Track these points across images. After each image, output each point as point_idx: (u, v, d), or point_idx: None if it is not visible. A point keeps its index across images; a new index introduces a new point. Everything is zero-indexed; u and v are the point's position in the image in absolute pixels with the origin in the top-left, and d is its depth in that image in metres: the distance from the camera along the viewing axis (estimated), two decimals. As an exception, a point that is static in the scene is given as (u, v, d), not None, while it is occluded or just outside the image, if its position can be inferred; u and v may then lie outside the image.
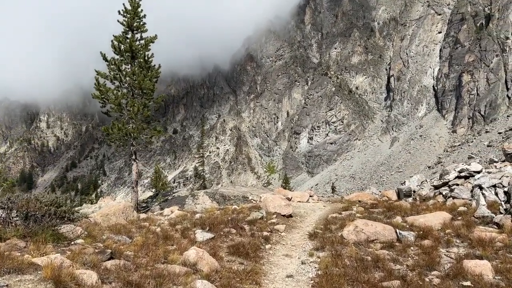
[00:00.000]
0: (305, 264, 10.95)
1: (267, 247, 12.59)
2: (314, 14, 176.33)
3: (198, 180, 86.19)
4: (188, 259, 9.44)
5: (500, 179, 14.65)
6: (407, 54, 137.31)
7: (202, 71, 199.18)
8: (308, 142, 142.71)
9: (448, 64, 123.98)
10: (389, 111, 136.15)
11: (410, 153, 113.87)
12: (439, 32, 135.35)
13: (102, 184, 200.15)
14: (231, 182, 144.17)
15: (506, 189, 13.91)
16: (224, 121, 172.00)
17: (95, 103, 22.80)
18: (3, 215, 9.66)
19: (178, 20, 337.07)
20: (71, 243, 9.80)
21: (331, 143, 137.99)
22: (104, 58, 22.01)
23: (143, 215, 18.68)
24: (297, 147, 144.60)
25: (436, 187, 18.21)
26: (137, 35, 23.00)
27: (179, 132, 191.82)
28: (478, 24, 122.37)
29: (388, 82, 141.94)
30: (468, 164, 17.25)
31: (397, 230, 12.46)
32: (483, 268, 9.11)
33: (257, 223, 15.19)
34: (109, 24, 23.06)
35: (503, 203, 13.54)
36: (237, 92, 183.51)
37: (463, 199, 15.30)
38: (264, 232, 13.94)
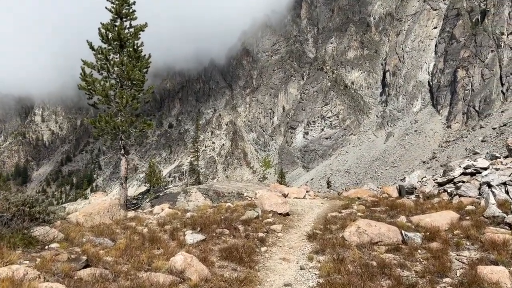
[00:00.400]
0: (304, 269, 10.10)
1: (262, 249, 11.77)
2: (310, 9, 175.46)
3: (193, 175, 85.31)
4: (175, 266, 8.51)
5: (510, 176, 13.89)
6: (402, 49, 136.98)
7: (198, 65, 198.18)
8: (303, 137, 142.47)
9: (444, 60, 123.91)
10: (384, 106, 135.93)
11: (405, 148, 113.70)
12: (435, 28, 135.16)
13: (98, 178, 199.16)
14: (226, 177, 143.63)
15: (517, 187, 13.06)
16: (220, 115, 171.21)
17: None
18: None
19: (174, 14, 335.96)
20: (45, 247, 8.84)
21: (327, 138, 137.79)
22: (91, 46, 20.99)
23: (131, 214, 17.70)
24: (292, 142, 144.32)
25: (440, 184, 17.30)
26: (126, 23, 21.89)
27: (174, 126, 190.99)
28: (474, 20, 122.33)
29: (384, 77, 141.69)
30: (474, 160, 16.41)
31: (402, 231, 11.64)
32: (501, 276, 8.21)
33: (252, 222, 14.33)
34: (105, 18, 21.91)
35: (515, 202, 12.62)
36: (233, 87, 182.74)
37: (471, 197, 14.45)
38: (260, 233, 13.12)
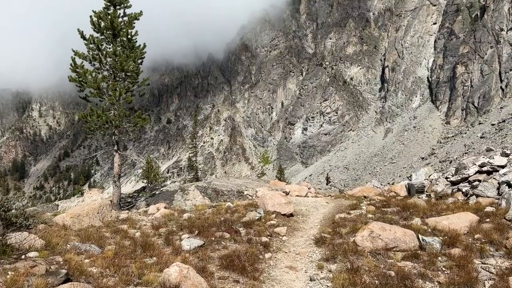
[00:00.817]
0: (314, 281, 9.06)
1: (266, 256, 10.70)
2: (309, 4, 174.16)
3: (191, 171, 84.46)
4: (169, 279, 7.46)
5: (531, 175, 12.88)
6: (402, 45, 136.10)
7: (196, 61, 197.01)
8: (302, 133, 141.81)
9: (443, 56, 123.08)
10: (383, 102, 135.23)
11: (404, 144, 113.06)
12: (434, 23, 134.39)
13: (95, 174, 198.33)
14: (225, 173, 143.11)
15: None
16: (219, 111, 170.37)
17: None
18: None
19: (173, 9, 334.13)
20: (21, 257, 7.74)
21: (325, 134, 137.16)
22: (82, 36, 19.79)
23: (124, 215, 16.52)
24: (291, 138, 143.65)
25: (453, 183, 16.31)
26: (119, 11, 20.61)
27: (173, 122, 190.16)
28: (473, 15, 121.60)
29: (383, 73, 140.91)
30: (490, 157, 15.43)
31: (419, 235, 10.70)
32: (537, 289, 7.34)
33: (254, 225, 13.26)
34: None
35: (540, 204, 11.67)
36: (231, 82, 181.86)
37: (489, 197, 13.48)
38: (263, 237, 12.07)
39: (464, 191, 15.28)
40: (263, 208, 15.37)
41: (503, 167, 14.94)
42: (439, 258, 9.70)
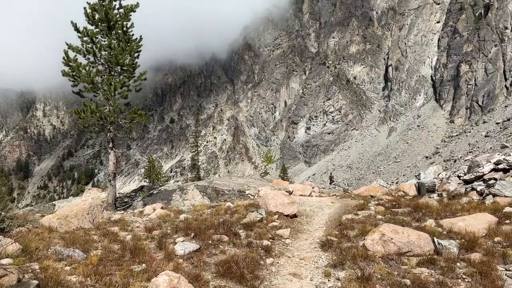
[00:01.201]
0: None
1: (268, 262, 9.86)
2: (312, 3, 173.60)
3: (193, 171, 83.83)
4: (157, 291, 6.67)
5: (552, 173, 12.06)
6: (405, 43, 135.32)
7: (199, 60, 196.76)
8: (305, 132, 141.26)
9: (447, 54, 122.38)
10: (387, 101, 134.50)
11: (408, 143, 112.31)
12: (438, 22, 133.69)
13: (99, 173, 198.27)
14: (228, 172, 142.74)
15: None
16: (222, 110, 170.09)
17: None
18: None
19: (176, 9, 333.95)
20: (-6, 264, 7.06)
21: (329, 133, 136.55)
22: (76, 28, 18.97)
23: (117, 215, 15.61)
24: (294, 137, 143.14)
25: (466, 182, 15.44)
26: (115, 3, 19.86)
27: (176, 121, 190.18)
28: (477, 14, 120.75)
29: (386, 72, 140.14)
30: (506, 154, 14.58)
31: (434, 238, 9.88)
32: None
33: (255, 227, 12.45)
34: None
35: None
36: (234, 82, 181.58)
37: (507, 197, 12.61)
38: (264, 241, 11.22)
39: (479, 190, 14.47)
40: (265, 208, 14.72)
41: (520, 164, 14.07)
42: (458, 264, 8.92)
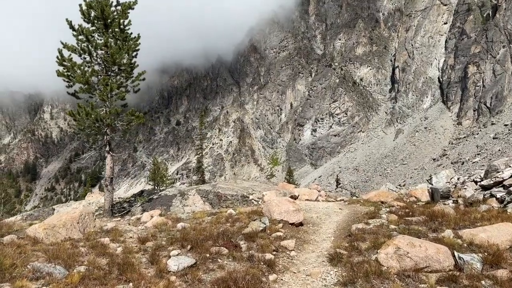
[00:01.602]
0: None
1: (271, 278, 9.12)
2: (318, 5, 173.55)
3: (198, 173, 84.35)
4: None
5: None
6: (412, 45, 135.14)
7: (205, 62, 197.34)
8: (311, 134, 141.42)
9: (454, 55, 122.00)
10: (393, 102, 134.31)
11: (415, 145, 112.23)
12: (445, 23, 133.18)
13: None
14: (234, 174, 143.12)
15: None
16: (227, 112, 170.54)
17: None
18: None
19: (182, 11, 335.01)
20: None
21: (335, 135, 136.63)
22: (71, 26, 18.24)
23: (112, 224, 14.75)
24: (300, 139, 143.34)
25: (484, 188, 14.63)
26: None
27: (182, 123, 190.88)
28: (485, 15, 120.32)
29: (393, 73, 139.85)
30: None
31: (454, 252, 9.17)
32: None
33: (257, 237, 11.71)
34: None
35: None
36: (240, 84, 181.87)
37: (531, 205, 11.99)
38: (267, 254, 10.46)
39: (499, 197, 13.70)
40: (269, 216, 14.13)
41: (544, 169, 13.33)
42: (483, 282, 8.13)
